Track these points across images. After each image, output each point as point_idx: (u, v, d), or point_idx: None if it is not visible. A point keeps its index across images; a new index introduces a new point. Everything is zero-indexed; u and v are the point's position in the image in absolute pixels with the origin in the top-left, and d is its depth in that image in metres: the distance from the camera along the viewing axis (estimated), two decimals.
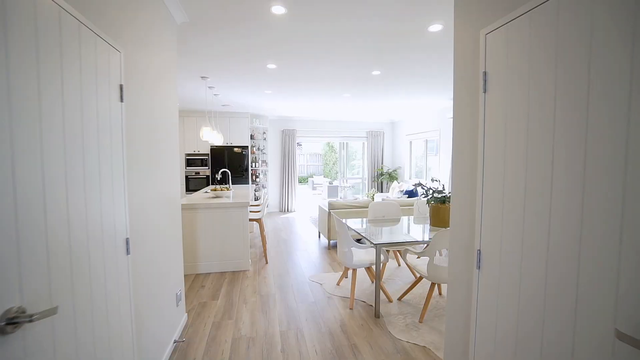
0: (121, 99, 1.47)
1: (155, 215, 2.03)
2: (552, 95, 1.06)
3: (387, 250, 3.69)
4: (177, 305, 2.49)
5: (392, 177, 8.85)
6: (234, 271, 4.00)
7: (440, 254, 3.24)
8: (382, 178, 8.97)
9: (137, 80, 1.73)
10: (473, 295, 1.47)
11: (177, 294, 2.47)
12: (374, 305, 3.07)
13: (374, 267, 3.32)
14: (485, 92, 1.38)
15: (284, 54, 3.47)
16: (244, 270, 4.02)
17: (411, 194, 7.26)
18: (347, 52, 3.45)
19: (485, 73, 1.38)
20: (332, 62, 3.76)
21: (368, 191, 9.22)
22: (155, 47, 2.04)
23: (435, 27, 2.86)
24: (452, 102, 5.72)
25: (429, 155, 7.83)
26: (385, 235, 3.24)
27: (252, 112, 7.68)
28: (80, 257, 1.13)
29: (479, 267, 1.44)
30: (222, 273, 3.94)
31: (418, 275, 3.76)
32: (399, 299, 3.25)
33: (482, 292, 1.42)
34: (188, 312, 2.93)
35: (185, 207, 3.81)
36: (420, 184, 3.40)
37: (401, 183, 8.29)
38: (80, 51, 1.14)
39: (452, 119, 5.26)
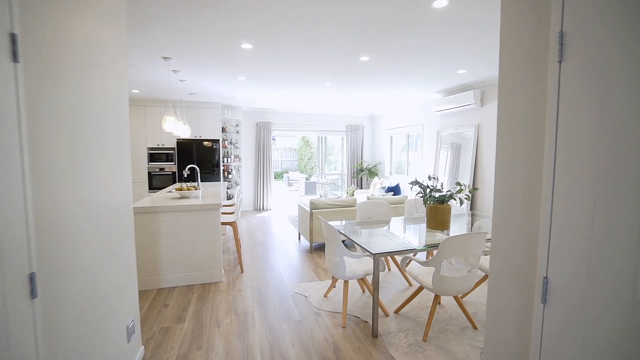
0: (14, 58, 0.93)
1: (91, 231, 1.48)
2: None
3: None
4: (129, 341, 1.95)
5: (372, 172, 8.56)
6: (204, 284, 3.46)
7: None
8: (362, 174, 8.65)
9: (51, 36, 1.18)
10: (533, 339, 1.09)
11: (128, 326, 1.93)
12: (370, 322, 2.69)
13: (367, 277, 2.93)
14: (561, 60, 0.99)
15: (261, 32, 2.95)
16: (216, 282, 3.49)
17: (394, 190, 6.99)
18: (334, 35, 3.00)
19: (562, 34, 0.98)
20: (316, 45, 3.29)
21: (348, 188, 8.87)
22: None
23: (440, 3, 2.48)
24: (438, 95, 5.44)
25: (410, 150, 7.59)
26: (380, 240, 2.85)
27: (223, 103, 7.03)
28: None
29: (544, 301, 1.06)
30: (190, 287, 3.38)
31: (418, 285, 3.43)
32: (396, 311, 2.88)
33: (550, 337, 1.04)
34: (146, 342, 2.38)
35: (143, 211, 3.21)
36: (417, 182, 3.05)
37: (382, 179, 8.01)
38: None
39: (437, 113, 4.98)
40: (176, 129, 4.20)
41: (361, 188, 9.04)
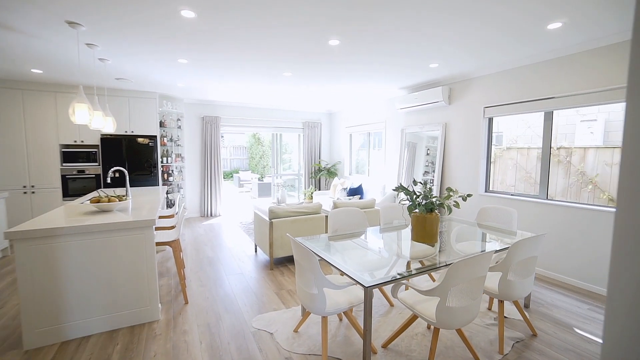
0: None
1: None
2: None
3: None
4: None
5: (331, 173, 8.08)
6: (133, 326, 2.61)
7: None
8: (321, 174, 8.13)
9: None
10: None
11: None
12: None
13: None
14: None
15: None
16: (151, 323, 2.66)
17: (358, 192, 6.58)
18: (299, 14, 2.38)
19: None
20: (277, 25, 2.64)
21: (305, 189, 8.29)
22: None
23: None
24: (403, 91, 4.97)
25: (371, 149, 7.26)
26: (364, 260, 2.32)
27: (161, 92, 5.97)
28: None
29: None
30: (113, 333, 2.51)
31: (401, 306, 2.96)
32: (384, 345, 2.38)
33: None
34: None
35: (34, 236, 2.26)
36: (403, 188, 2.58)
37: (342, 179, 7.58)
38: None
39: (402, 110, 4.54)
40: (93, 121, 3.23)
41: (320, 189, 8.53)
